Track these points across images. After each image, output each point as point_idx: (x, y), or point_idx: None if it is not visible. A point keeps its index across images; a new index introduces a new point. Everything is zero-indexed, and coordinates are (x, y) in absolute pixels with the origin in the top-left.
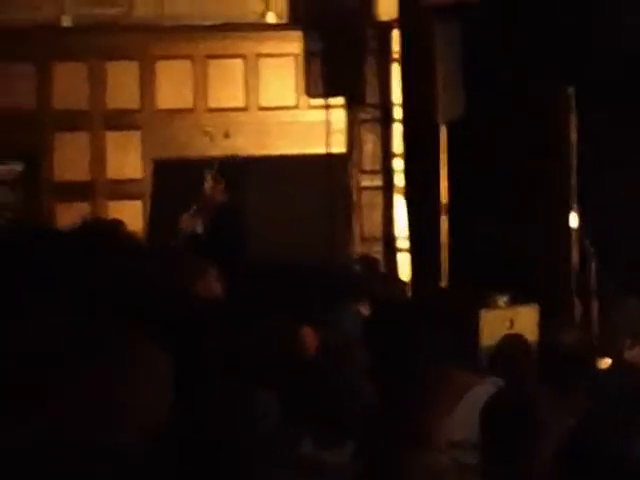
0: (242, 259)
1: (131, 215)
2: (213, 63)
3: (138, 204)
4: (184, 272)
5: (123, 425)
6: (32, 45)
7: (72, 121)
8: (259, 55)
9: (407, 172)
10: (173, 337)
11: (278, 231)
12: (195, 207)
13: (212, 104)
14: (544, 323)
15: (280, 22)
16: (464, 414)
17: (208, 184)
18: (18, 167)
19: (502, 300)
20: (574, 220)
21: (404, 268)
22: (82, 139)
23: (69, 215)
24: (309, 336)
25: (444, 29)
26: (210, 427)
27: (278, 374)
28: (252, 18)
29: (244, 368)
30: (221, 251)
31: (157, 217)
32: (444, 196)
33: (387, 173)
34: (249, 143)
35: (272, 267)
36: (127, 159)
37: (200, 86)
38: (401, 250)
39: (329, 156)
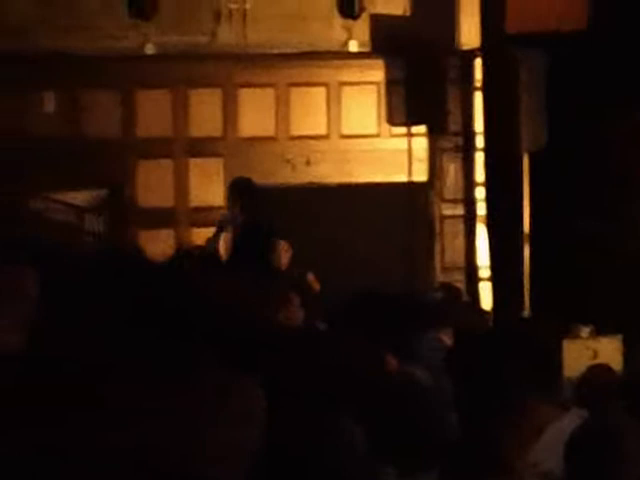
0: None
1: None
2: (295, 91)
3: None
4: (268, 300)
5: (209, 456)
6: (117, 73)
7: (155, 148)
8: (341, 83)
9: (489, 201)
10: (257, 365)
11: (359, 258)
12: (216, 228)
13: (294, 132)
14: (628, 354)
15: (362, 50)
16: (549, 445)
17: (229, 204)
18: (103, 194)
19: (585, 331)
20: None
21: (486, 297)
22: (165, 166)
23: (152, 242)
24: (390, 364)
25: (528, 58)
26: (297, 453)
27: (360, 402)
28: (335, 46)
29: (326, 395)
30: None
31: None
32: (526, 225)
33: (469, 202)
34: (330, 171)
35: (353, 294)
36: (209, 186)
37: (282, 114)
38: (483, 279)
39: (411, 184)
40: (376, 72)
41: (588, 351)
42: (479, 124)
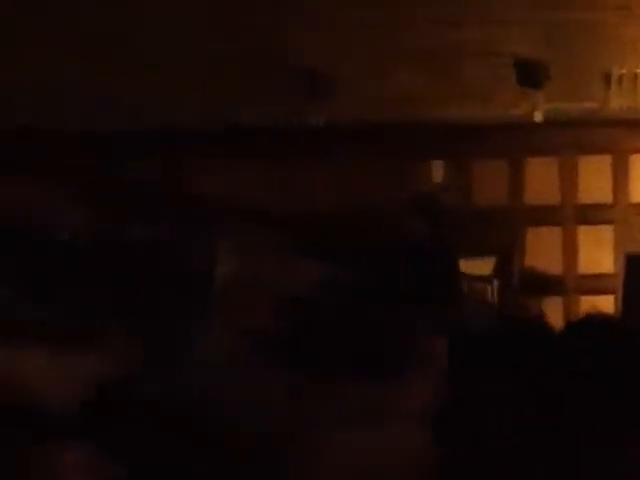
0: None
1: (604, 310)
2: None
3: (611, 299)
4: None
5: None
6: (505, 141)
7: (544, 216)
8: None
9: None
10: None
11: None
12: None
13: None
14: None
15: None
16: None
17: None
18: (492, 262)
19: None
20: None
21: None
22: (554, 234)
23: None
24: None
25: None
26: None
27: None
28: None
29: None
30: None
31: (630, 313)
32: None
33: None
34: None
35: None
36: (599, 254)
37: None
38: None
39: None
40: None
41: None
42: None
